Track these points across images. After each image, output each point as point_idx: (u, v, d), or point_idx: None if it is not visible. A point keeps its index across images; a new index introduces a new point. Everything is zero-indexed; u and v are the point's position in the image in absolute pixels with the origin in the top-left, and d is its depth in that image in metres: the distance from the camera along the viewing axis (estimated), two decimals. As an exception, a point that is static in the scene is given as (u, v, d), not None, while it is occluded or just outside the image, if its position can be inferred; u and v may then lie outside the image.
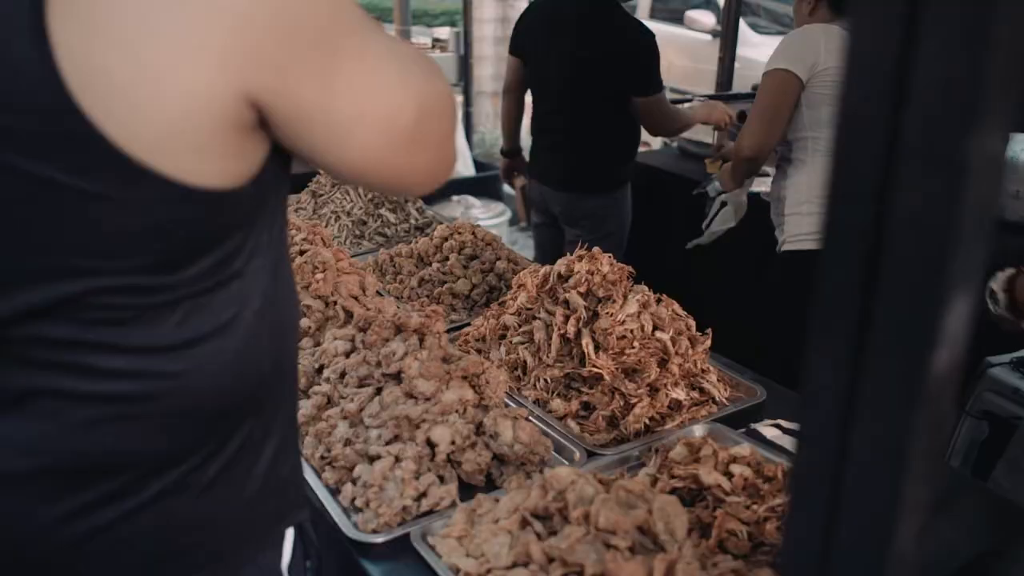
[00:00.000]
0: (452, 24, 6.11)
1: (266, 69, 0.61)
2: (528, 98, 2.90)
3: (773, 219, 2.22)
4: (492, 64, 6.14)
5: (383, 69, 0.68)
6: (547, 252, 2.89)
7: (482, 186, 4.60)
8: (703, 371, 1.49)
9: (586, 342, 1.42)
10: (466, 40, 5.37)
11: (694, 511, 1.10)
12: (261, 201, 0.71)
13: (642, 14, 7.36)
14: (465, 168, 4.86)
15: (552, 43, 2.62)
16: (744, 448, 1.18)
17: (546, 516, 1.04)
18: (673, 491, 1.15)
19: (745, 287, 2.36)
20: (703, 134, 3.34)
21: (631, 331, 1.43)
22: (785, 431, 1.38)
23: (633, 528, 0.97)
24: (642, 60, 2.51)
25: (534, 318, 1.55)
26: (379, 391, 1.30)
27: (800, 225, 2.09)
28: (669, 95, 2.87)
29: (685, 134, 3.46)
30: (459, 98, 5.48)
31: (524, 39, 2.74)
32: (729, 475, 1.13)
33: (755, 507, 1.08)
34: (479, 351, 1.60)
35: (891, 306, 0.41)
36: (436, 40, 5.45)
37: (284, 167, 0.74)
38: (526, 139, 2.93)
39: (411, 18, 6.33)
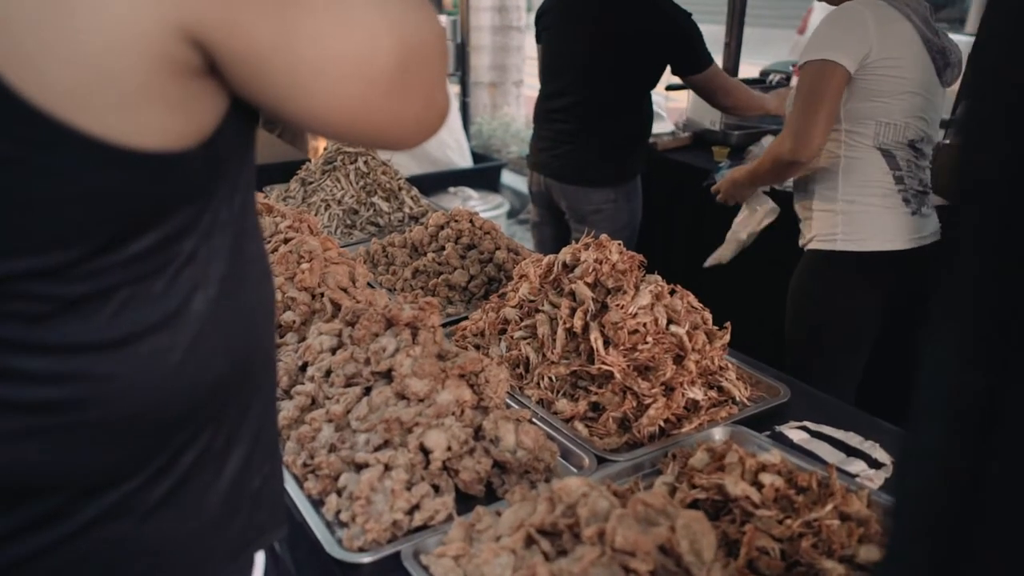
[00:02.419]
0: (448, 13, 5.98)
1: None
2: (526, 91, 2.77)
3: (798, 211, 2.04)
4: (489, 54, 6.01)
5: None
6: (548, 251, 2.75)
7: (480, 177, 4.50)
8: (721, 368, 1.38)
9: (594, 337, 1.30)
10: (463, 28, 5.26)
11: (719, 526, 0.98)
12: (217, 170, 0.60)
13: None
14: (463, 159, 4.76)
15: (571, 21, 2.48)
16: (773, 455, 1.06)
17: (554, 533, 0.92)
18: (694, 503, 1.03)
19: (761, 281, 2.23)
20: (708, 120, 3.22)
21: (644, 325, 1.31)
22: (813, 434, 1.26)
23: (654, 548, 0.86)
24: (685, 35, 2.39)
25: (537, 311, 1.43)
26: (367, 391, 1.19)
27: (830, 224, 1.90)
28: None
29: (690, 117, 3.35)
30: (455, 88, 5.36)
31: (542, 22, 2.60)
32: (758, 485, 1.01)
33: (788, 522, 0.96)
34: (477, 347, 1.49)
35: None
36: (432, 29, 5.31)
37: (247, 128, 0.62)
38: (525, 133, 2.80)
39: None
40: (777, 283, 2.10)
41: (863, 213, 1.87)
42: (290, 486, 1.11)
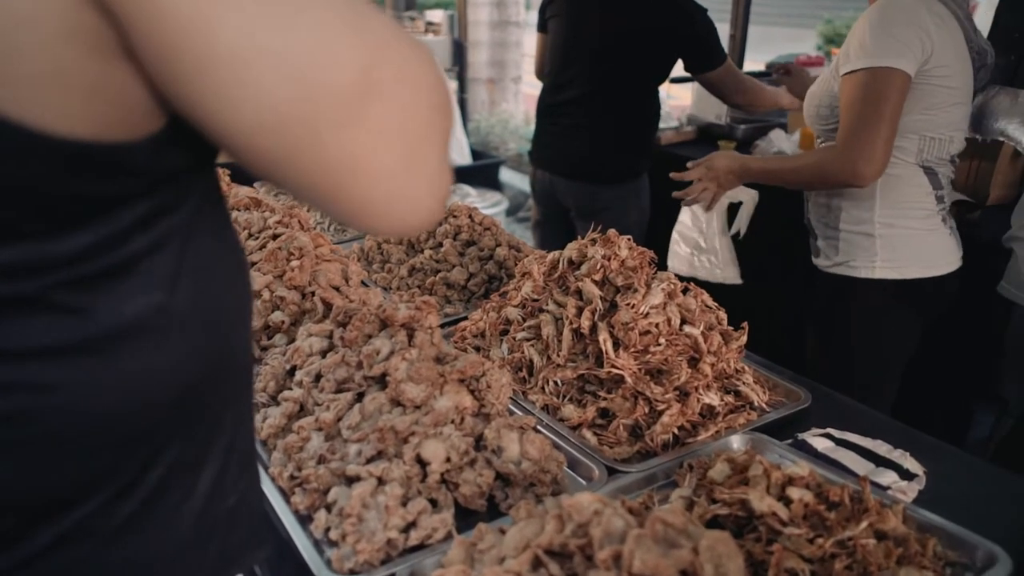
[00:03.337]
0: (446, 8, 5.91)
1: None
2: (525, 87, 2.69)
3: (815, 227, 1.84)
4: (487, 49, 5.93)
5: None
6: (551, 251, 2.67)
7: (479, 174, 4.43)
8: (738, 371, 1.29)
9: (603, 338, 1.22)
10: (461, 24, 5.18)
11: (743, 545, 0.89)
12: (172, 166, 0.52)
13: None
14: (461, 156, 4.68)
15: (583, 10, 2.39)
16: (801, 467, 0.98)
17: (564, 555, 0.84)
18: (714, 519, 0.95)
19: (765, 280, 2.13)
20: (713, 114, 3.14)
21: (656, 325, 1.23)
22: (837, 442, 1.18)
23: (676, 573, 0.77)
24: (701, 32, 2.32)
25: (541, 311, 1.35)
26: (360, 397, 1.11)
27: (865, 249, 1.72)
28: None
29: (694, 112, 3.27)
30: (453, 84, 5.28)
31: (550, 9, 2.51)
32: (786, 500, 0.93)
33: (820, 541, 0.88)
34: (478, 349, 1.41)
35: None
36: (429, 24, 5.25)
37: None
38: (524, 130, 2.71)
39: (404, 3, 6.12)
40: (782, 282, 2.01)
41: (903, 237, 1.69)
42: (275, 501, 1.03)
